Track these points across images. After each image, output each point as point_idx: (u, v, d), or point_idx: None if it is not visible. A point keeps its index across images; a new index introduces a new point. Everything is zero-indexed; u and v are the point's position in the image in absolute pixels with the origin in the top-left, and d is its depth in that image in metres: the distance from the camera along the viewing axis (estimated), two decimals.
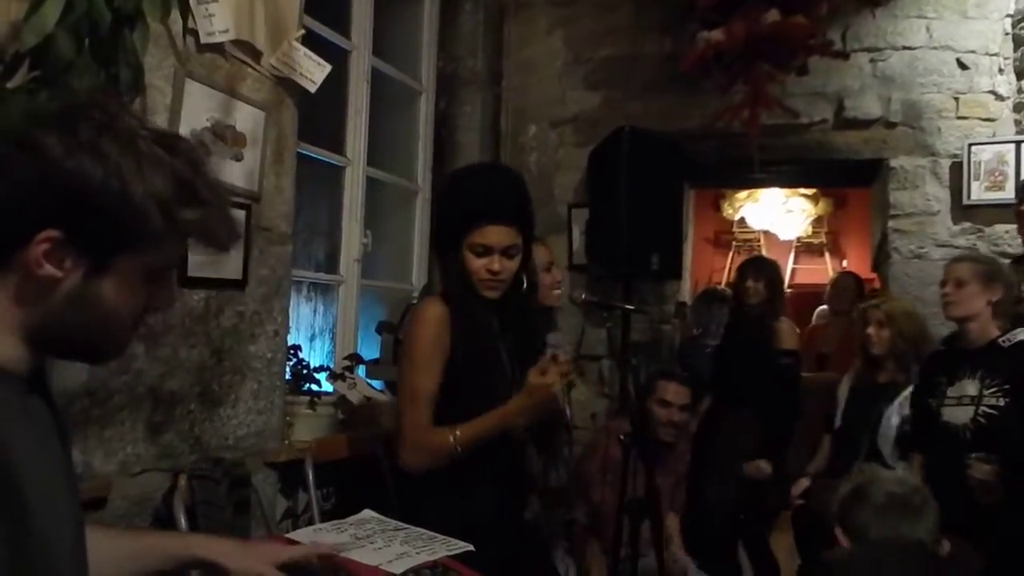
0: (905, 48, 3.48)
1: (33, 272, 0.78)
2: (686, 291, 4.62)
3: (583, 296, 2.65)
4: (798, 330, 3.87)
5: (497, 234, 1.80)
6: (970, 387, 2.43)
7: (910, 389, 2.74)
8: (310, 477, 2.44)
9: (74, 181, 0.78)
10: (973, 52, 3.40)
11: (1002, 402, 2.37)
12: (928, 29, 3.45)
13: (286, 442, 2.49)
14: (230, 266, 2.21)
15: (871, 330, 2.91)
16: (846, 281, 4.50)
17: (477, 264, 1.79)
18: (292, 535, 1.43)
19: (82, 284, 0.81)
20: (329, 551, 1.21)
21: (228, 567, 1.07)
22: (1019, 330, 2.44)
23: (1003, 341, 2.43)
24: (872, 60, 3.51)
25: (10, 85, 1.43)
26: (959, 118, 3.41)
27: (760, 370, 3.35)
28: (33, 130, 0.79)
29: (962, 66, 3.41)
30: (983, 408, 2.39)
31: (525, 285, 1.89)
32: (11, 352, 0.81)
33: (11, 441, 0.76)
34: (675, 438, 2.98)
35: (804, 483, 3.05)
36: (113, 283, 0.82)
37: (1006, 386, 2.37)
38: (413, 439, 1.74)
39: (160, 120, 1.95)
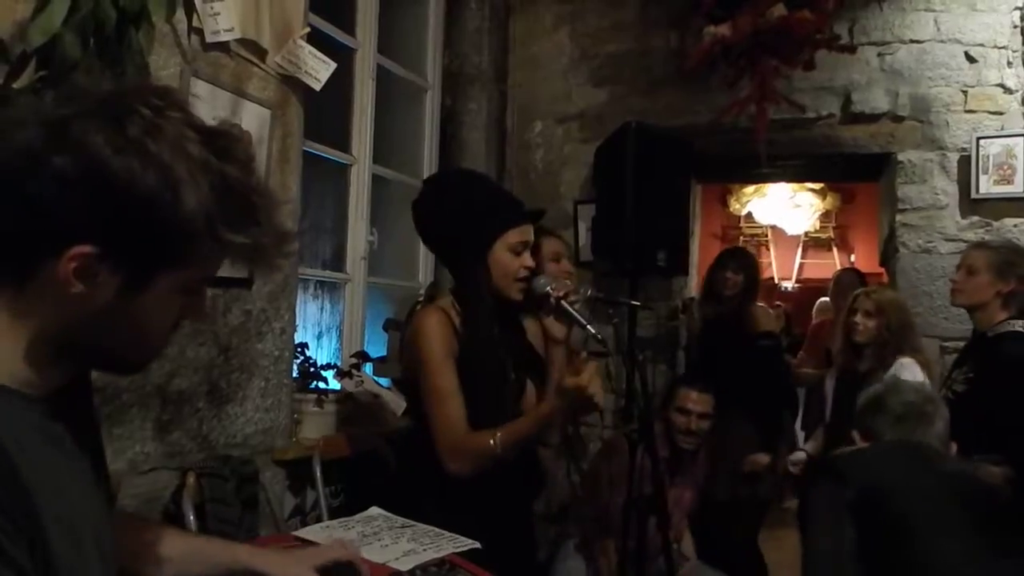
0: (913, 41, 3.46)
1: (61, 288, 0.69)
2: (693, 287, 4.61)
3: (589, 292, 2.64)
4: (774, 314, 3.89)
5: (528, 231, 1.82)
6: (956, 373, 2.49)
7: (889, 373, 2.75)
8: (318, 474, 2.45)
9: (120, 186, 0.67)
10: (981, 45, 3.37)
11: (961, 389, 2.40)
12: (936, 22, 3.43)
13: (294, 440, 2.49)
14: (237, 264, 2.21)
15: (858, 318, 2.89)
16: (848, 277, 4.47)
17: (516, 263, 1.78)
18: (300, 533, 1.44)
19: (114, 300, 0.71)
20: (355, 552, 1.19)
21: (272, 575, 1.06)
22: (1014, 322, 2.43)
23: (989, 332, 2.44)
24: (880, 54, 3.49)
25: (16, 85, 1.44)
26: (967, 111, 3.39)
27: (743, 357, 3.34)
28: (75, 121, 0.68)
29: (970, 59, 3.39)
30: (947, 394, 2.43)
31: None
32: (42, 372, 0.74)
33: (34, 477, 0.69)
34: (696, 447, 2.90)
35: (800, 456, 3.03)
36: (148, 299, 0.74)
37: (971, 375, 2.39)
38: (452, 444, 1.70)
39: None
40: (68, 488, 0.76)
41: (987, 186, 3.30)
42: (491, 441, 1.66)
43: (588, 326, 1.76)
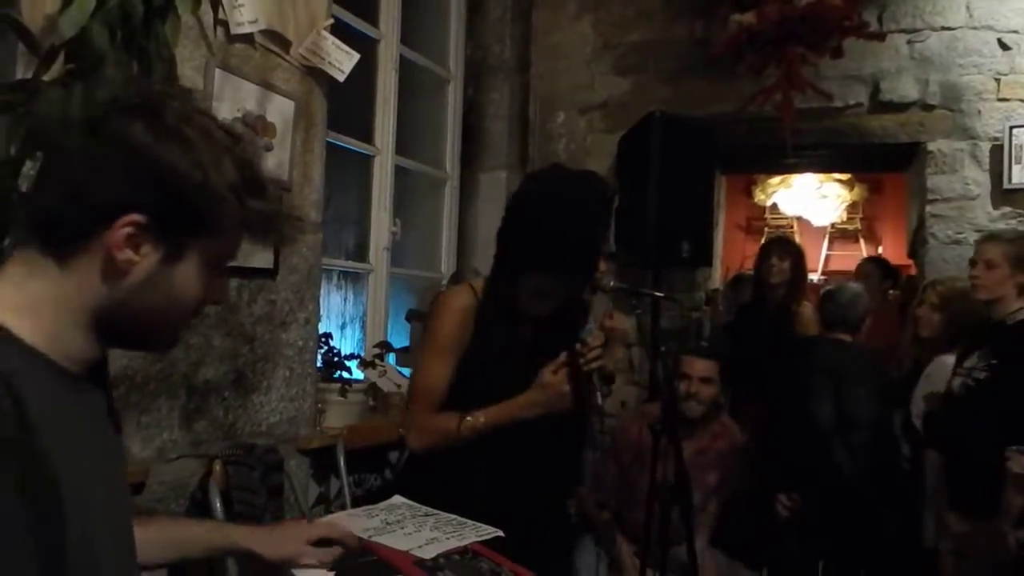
0: (944, 28, 3.39)
1: (111, 255, 0.78)
2: (717, 278, 4.58)
3: (612, 283, 2.63)
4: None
5: None
6: (973, 360, 2.45)
7: (932, 368, 2.72)
8: (341, 463, 2.47)
9: (162, 167, 0.78)
10: (1015, 32, 3.30)
11: (982, 375, 2.37)
12: (968, 8, 3.36)
13: (318, 429, 2.52)
14: (261, 255, 2.24)
15: (922, 311, 2.83)
16: (867, 267, 4.41)
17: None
18: (324, 520, 1.45)
19: (155, 270, 0.80)
20: (345, 530, 1.24)
21: (264, 555, 1.12)
22: None
23: (1008, 319, 2.42)
24: (909, 41, 3.42)
25: (46, 77, 1.46)
26: (1000, 100, 3.32)
27: (780, 355, 3.28)
28: (115, 116, 0.79)
29: (1003, 46, 3.32)
30: (967, 382, 2.42)
31: None
32: (74, 347, 0.81)
33: (56, 451, 0.74)
34: (700, 413, 2.86)
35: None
36: (183, 270, 0.82)
37: (993, 362, 2.37)
38: (415, 423, 1.75)
39: None
40: (91, 465, 0.81)
41: (1020, 176, 3.24)
42: (455, 424, 1.68)
43: (599, 395, 1.70)
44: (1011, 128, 3.25)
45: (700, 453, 2.89)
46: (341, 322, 3.13)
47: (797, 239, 7.80)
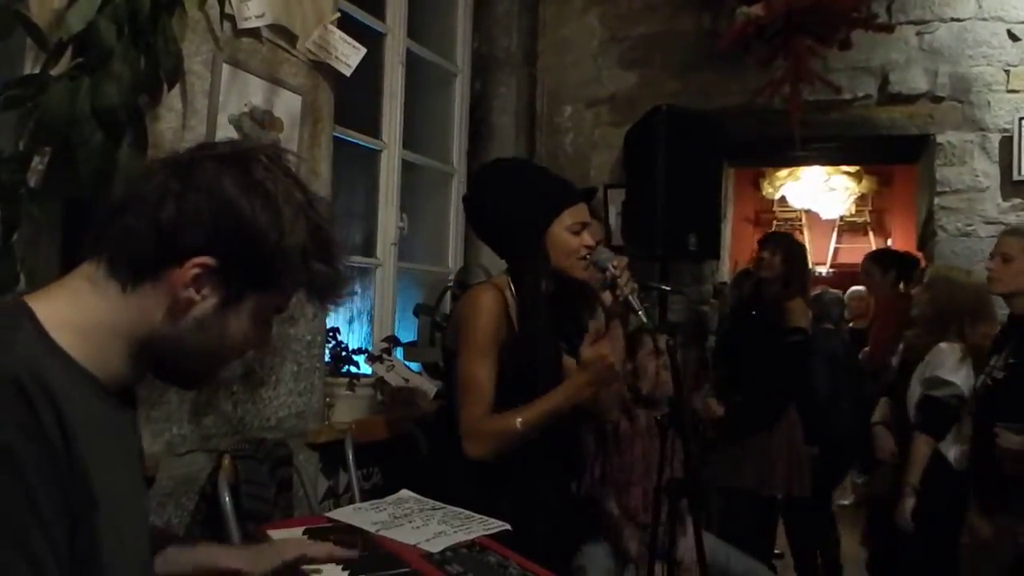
0: (953, 20, 3.37)
1: (175, 291, 0.82)
2: (725, 271, 4.57)
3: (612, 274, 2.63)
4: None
5: (584, 210, 1.86)
6: (995, 359, 2.43)
7: (932, 355, 2.71)
8: (350, 457, 2.47)
9: (243, 220, 0.81)
10: None
11: (1001, 376, 2.36)
12: None
13: (326, 423, 2.52)
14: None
15: (915, 291, 2.83)
16: (866, 265, 4.34)
17: (576, 243, 1.81)
18: (332, 514, 1.46)
19: (211, 312, 0.84)
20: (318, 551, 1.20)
21: (249, 572, 1.12)
22: None
23: None
24: (919, 33, 3.40)
25: (54, 72, 1.46)
26: (1010, 91, 3.30)
27: (767, 350, 3.27)
28: (209, 163, 0.83)
29: (1013, 37, 3.30)
30: (988, 379, 2.40)
31: None
32: (115, 368, 0.84)
33: (93, 463, 0.77)
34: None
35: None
36: (236, 317, 0.86)
37: (1011, 360, 2.35)
38: (474, 429, 1.72)
39: (199, 106, 1.98)
40: (122, 482, 0.84)
41: None
42: (516, 422, 1.68)
43: (640, 311, 1.78)
44: (1020, 120, 3.23)
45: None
46: (349, 317, 3.14)
47: (805, 232, 7.83)
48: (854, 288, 5.17)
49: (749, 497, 3.27)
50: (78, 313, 0.81)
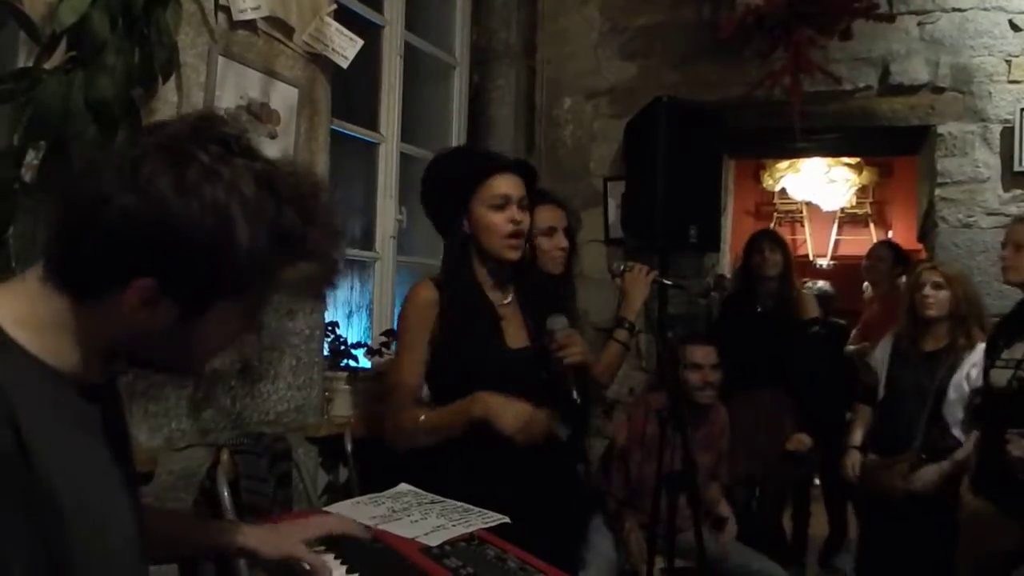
0: (955, 10, 3.35)
1: (126, 311, 0.76)
2: (726, 263, 4.55)
3: (622, 267, 2.62)
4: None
5: (508, 182, 1.70)
6: (1019, 350, 2.37)
7: (977, 355, 2.65)
8: (349, 451, 2.47)
9: (178, 231, 0.73)
10: None
11: None
12: None
13: (325, 417, 2.52)
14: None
15: (927, 291, 2.76)
16: (880, 251, 4.37)
17: (498, 219, 1.68)
18: (330, 508, 1.45)
19: (175, 325, 0.79)
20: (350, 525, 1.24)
21: (263, 553, 1.11)
22: None
23: None
24: (920, 23, 3.38)
25: (47, 65, 1.45)
26: (1011, 82, 3.28)
27: (789, 343, 3.32)
28: (144, 162, 0.74)
29: (1015, 27, 3.27)
30: (1020, 372, 2.33)
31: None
32: (84, 365, 0.80)
33: (53, 459, 0.74)
34: (712, 399, 2.95)
35: (856, 457, 2.93)
36: (205, 324, 0.81)
37: None
38: (389, 421, 1.74)
39: (195, 99, 1.97)
40: (92, 472, 0.81)
41: None
42: (419, 417, 1.68)
43: (573, 392, 1.69)
44: (1022, 110, 3.21)
45: (703, 437, 2.91)
46: (348, 311, 3.13)
47: (806, 224, 7.81)
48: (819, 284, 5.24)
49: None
50: (34, 315, 0.77)
